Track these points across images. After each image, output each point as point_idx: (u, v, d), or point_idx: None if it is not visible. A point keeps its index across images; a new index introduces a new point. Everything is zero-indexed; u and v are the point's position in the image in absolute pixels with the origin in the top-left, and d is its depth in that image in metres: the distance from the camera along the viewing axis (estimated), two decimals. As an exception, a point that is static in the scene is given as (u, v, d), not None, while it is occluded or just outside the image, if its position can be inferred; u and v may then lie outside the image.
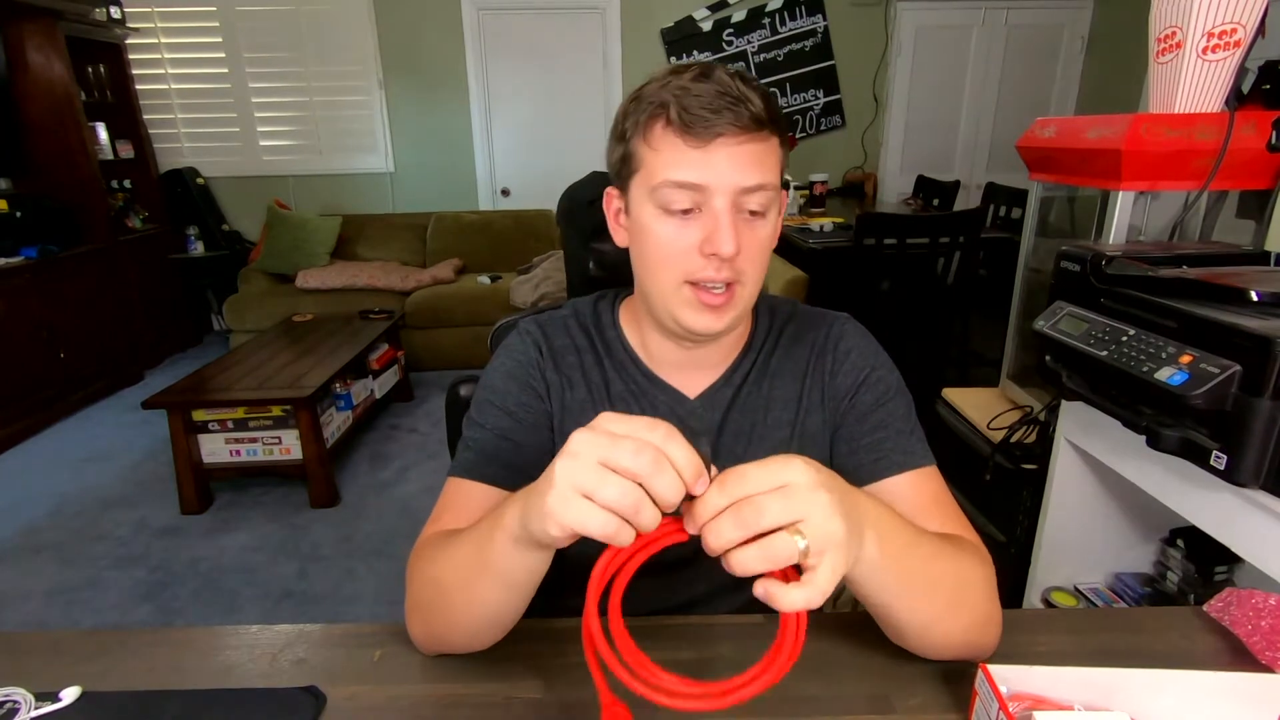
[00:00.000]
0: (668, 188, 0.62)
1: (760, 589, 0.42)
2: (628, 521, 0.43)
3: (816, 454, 0.74)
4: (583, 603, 0.81)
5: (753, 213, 0.64)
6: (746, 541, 0.42)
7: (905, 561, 0.54)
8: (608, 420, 0.45)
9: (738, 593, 0.78)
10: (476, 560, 0.56)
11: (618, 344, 0.77)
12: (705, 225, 0.62)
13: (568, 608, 0.81)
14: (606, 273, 0.97)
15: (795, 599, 0.42)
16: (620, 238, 0.72)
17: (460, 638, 0.63)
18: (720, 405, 0.75)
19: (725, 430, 0.75)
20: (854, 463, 0.73)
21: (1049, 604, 1.42)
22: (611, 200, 0.72)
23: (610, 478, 0.42)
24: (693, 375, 0.76)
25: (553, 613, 0.82)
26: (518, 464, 0.71)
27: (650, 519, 0.42)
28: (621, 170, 0.68)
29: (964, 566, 0.60)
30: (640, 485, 0.42)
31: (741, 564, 0.42)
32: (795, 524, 0.42)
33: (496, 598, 0.58)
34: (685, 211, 0.63)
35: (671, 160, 0.62)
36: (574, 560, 0.77)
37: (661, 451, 0.42)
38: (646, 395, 0.76)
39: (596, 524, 0.43)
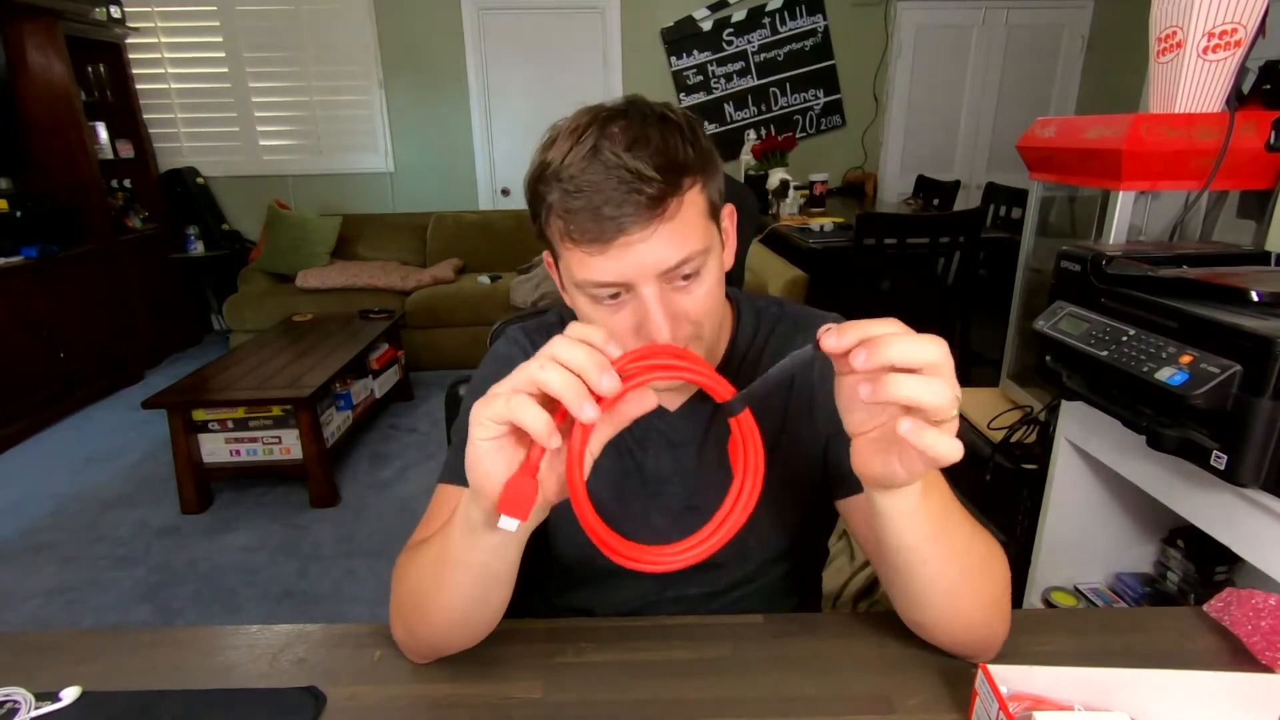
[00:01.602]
0: (589, 286, 0.59)
1: (908, 424, 0.44)
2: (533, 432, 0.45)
3: (805, 463, 0.73)
4: (578, 604, 0.81)
5: (686, 276, 0.59)
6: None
7: (942, 511, 0.54)
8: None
9: (732, 593, 0.78)
10: (441, 554, 0.57)
11: None
12: (636, 311, 0.59)
13: (569, 608, 0.81)
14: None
15: (949, 445, 0.44)
16: (569, 301, 0.68)
17: (435, 635, 0.63)
18: (701, 418, 0.74)
19: (707, 443, 0.74)
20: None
21: (1049, 604, 1.42)
22: (551, 267, 0.67)
23: (508, 398, 0.46)
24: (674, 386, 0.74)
25: (551, 613, 0.82)
26: None
27: (532, 419, 0.45)
28: (546, 245, 0.64)
29: (987, 541, 0.60)
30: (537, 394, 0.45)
31: (902, 385, 0.43)
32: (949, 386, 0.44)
33: (463, 589, 0.58)
34: (614, 297, 0.60)
35: (582, 263, 0.58)
36: (570, 560, 0.77)
37: (553, 359, 0.45)
38: None
39: (484, 434, 0.47)
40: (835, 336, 0.45)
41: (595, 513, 0.47)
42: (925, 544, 0.55)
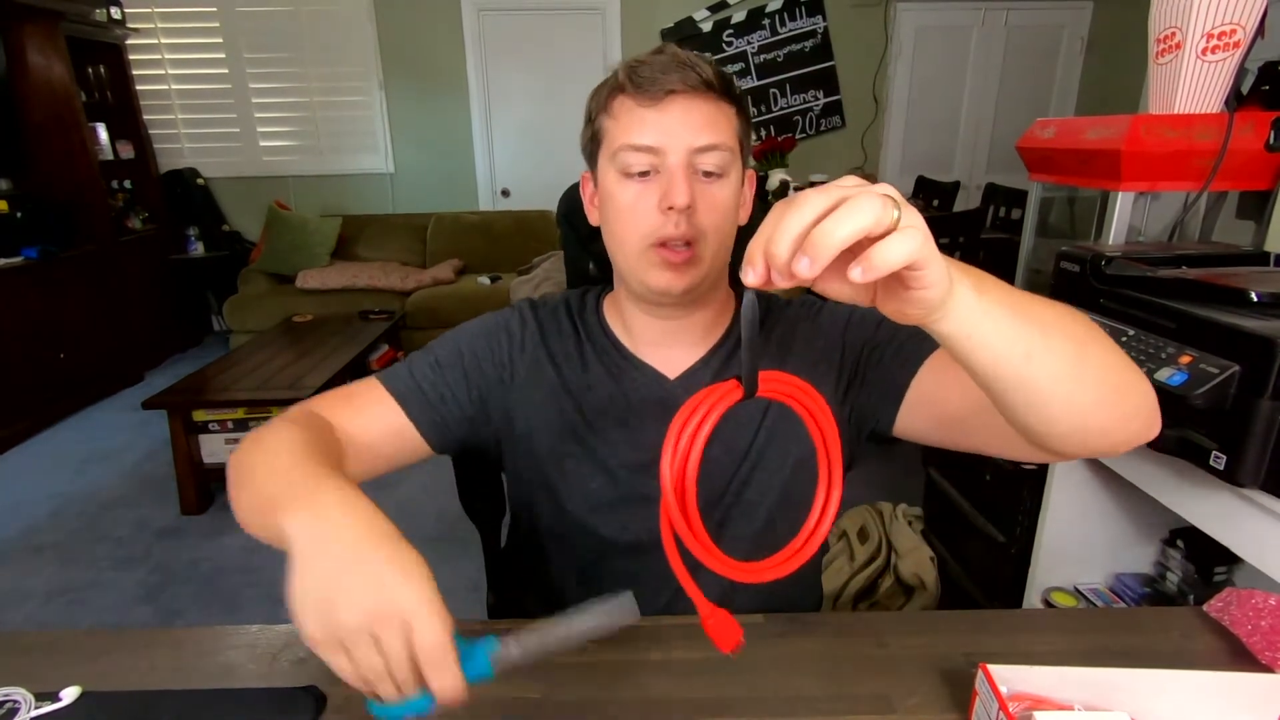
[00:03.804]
0: (625, 151, 0.66)
1: (858, 271, 0.38)
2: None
3: (801, 430, 0.73)
4: (568, 603, 0.80)
5: (708, 173, 0.66)
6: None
7: (1009, 293, 0.47)
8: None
9: (734, 596, 0.78)
10: (262, 491, 0.56)
11: (597, 328, 0.79)
12: (662, 184, 0.65)
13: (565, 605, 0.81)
14: (605, 274, 0.97)
15: (896, 247, 0.38)
16: (593, 217, 0.75)
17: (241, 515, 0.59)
18: (698, 388, 0.75)
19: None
20: (893, 375, 0.71)
21: (1049, 604, 1.42)
22: (586, 184, 0.76)
23: (359, 649, 0.45)
24: (673, 354, 0.76)
25: (548, 613, 0.82)
26: (439, 406, 0.75)
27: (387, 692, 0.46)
28: (591, 150, 0.72)
29: (1079, 317, 0.51)
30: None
31: (833, 226, 0.37)
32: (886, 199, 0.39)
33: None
34: (643, 174, 0.66)
35: (628, 124, 0.66)
36: (555, 542, 0.77)
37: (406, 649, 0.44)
38: (625, 375, 0.77)
39: (341, 669, 0.46)
40: (750, 270, 0.40)
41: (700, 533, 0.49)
42: (1017, 333, 0.47)
